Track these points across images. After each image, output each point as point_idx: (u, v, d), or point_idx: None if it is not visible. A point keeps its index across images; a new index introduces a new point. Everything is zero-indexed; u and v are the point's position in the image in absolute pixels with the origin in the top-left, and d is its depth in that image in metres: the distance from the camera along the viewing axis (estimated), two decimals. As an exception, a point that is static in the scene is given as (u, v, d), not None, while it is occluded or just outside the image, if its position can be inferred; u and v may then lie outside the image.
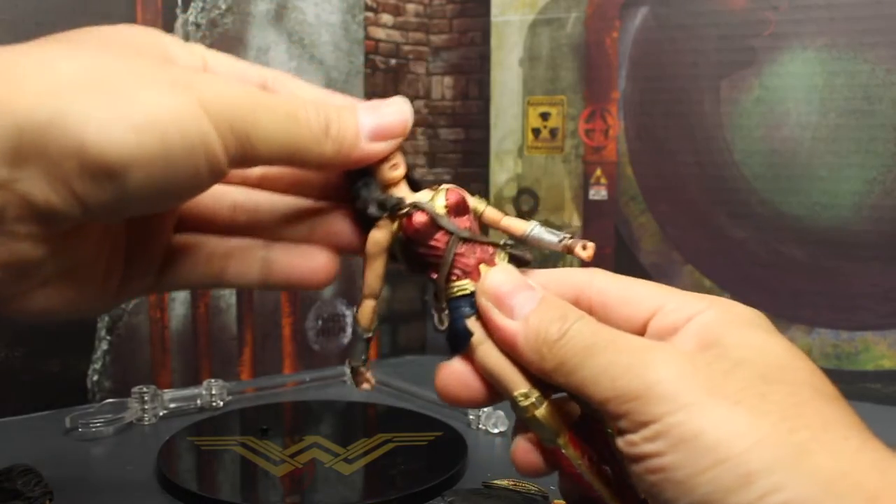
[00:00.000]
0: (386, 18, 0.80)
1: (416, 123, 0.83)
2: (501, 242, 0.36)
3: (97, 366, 0.67)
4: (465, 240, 0.35)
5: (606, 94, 0.75)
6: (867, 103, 0.66)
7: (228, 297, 0.73)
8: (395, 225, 0.35)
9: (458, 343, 0.34)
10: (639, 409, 0.28)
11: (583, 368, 0.30)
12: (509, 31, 0.79)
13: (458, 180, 0.82)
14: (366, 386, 0.37)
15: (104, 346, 0.67)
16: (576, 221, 0.77)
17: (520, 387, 0.33)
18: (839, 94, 0.66)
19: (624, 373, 0.29)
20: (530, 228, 0.36)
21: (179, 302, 0.71)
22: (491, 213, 0.37)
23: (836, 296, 0.68)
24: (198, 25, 0.70)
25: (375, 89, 0.80)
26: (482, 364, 0.34)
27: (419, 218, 0.34)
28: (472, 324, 0.34)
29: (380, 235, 0.35)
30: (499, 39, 0.79)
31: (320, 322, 0.78)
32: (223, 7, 0.71)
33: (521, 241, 0.36)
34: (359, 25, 0.79)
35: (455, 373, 0.35)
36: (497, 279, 0.33)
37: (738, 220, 0.71)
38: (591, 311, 0.33)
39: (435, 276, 0.35)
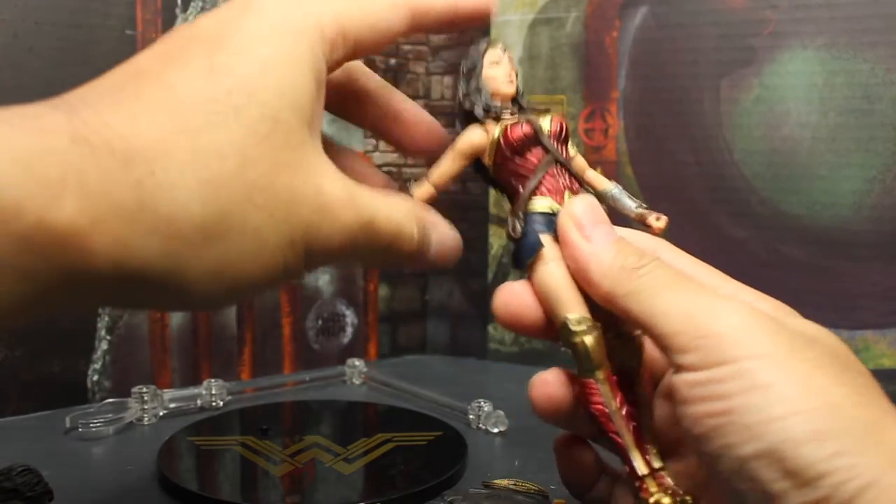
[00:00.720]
0: (385, 18, 0.80)
1: (416, 123, 0.83)
2: (584, 188, 0.37)
3: (97, 366, 0.67)
4: (559, 163, 0.36)
5: (606, 94, 0.75)
6: (867, 102, 0.66)
7: (228, 296, 0.73)
8: (497, 131, 0.36)
9: (526, 253, 0.35)
10: (713, 346, 0.28)
11: (658, 297, 0.30)
12: (509, 31, 0.79)
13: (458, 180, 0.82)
14: None
15: (104, 345, 0.67)
16: (576, 221, 0.77)
17: (575, 310, 0.34)
18: (839, 93, 0.66)
19: (703, 311, 0.29)
20: (612, 187, 0.37)
21: (179, 302, 0.71)
22: (580, 161, 0.38)
23: (835, 295, 0.68)
24: (197, 25, 0.70)
25: (375, 89, 0.80)
26: (543, 281, 0.35)
27: (525, 129, 0.36)
28: (546, 239, 0.35)
29: (476, 136, 0.36)
30: (499, 39, 0.79)
31: (320, 322, 0.78)
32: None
33: (598, 196, 0.37)
34: (358, 25, 0.79)
35: (517, 292, 0.36)
36: (584, 206, 0.34)
37: (738, 219, 0.71)
38: None
39: (521, 187, 0.36)
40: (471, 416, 0.61)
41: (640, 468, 0.34)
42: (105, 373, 0.67)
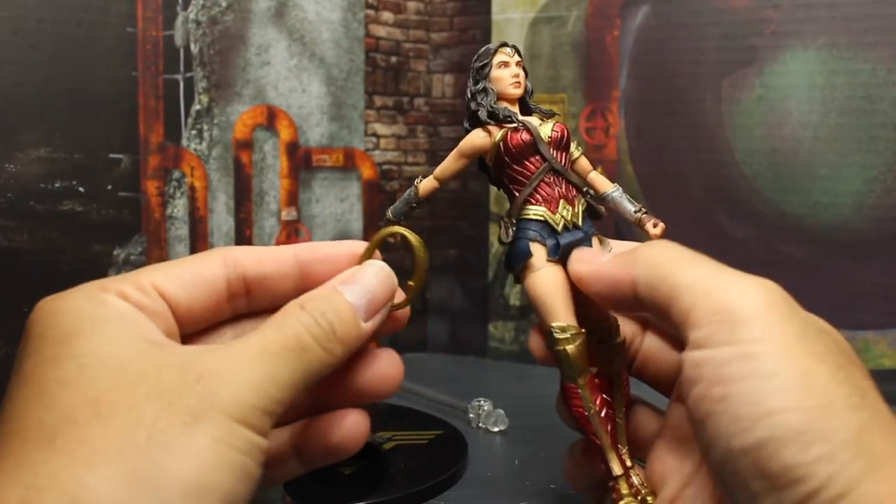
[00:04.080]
0: (387, 16, 0.80)
1: (417, 121, 0.83)
2: (584, 189, 0.38)
3: (97, 363, 0.67)
4: (556, 172, 0.37)
5: (607, 93, 0.75)
6: (868, 102, 0.66)
7: (228, 294, 0.73)
8: (500, 135, 0.37)
9: (516, 260, 0.37)
10: (725, 323, 0.28)
11: (680, 271, 0.31)
12: (510, 29, 0.78)
13: (458, 178, 0.82)
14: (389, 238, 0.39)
15: (104, 343, 0.67)
16: (576, 220, 0.77)
17: (560, 319, 0.35)
18: (840, 93, 0.66)
19: (722, 287, 0.29)
20: (612, 190, 0.38)
21: (179, 299, 0.71)
22: (583, 162, 0.39)
23: (836, 295, 0.68)
24: (198, 23, 0.70)
25: (376, 87, 0.80)
26: (532, 288, 0.36)
27: (524, 136, 0.36)
28: (535, 247, 0.36)
29: (478, 138, 0.37)
30: (500, 37, 0.79)
31: (320, 320, 0.78)
32: (224, 4, 0.71)
33: (599, 198, 0.38)
34: (359, 23, 0.79)
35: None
36: (583, 251, 0.36)
37: (739, 218, 0.71)
38: None
39: (518, 193, 0.37)
40: (471, 415, 0.61)
41: (615, 469, 0.35)
42: (105, 370, 0.67)
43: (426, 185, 0.39)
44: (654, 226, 0.37)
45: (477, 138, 0.37)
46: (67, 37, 0.64)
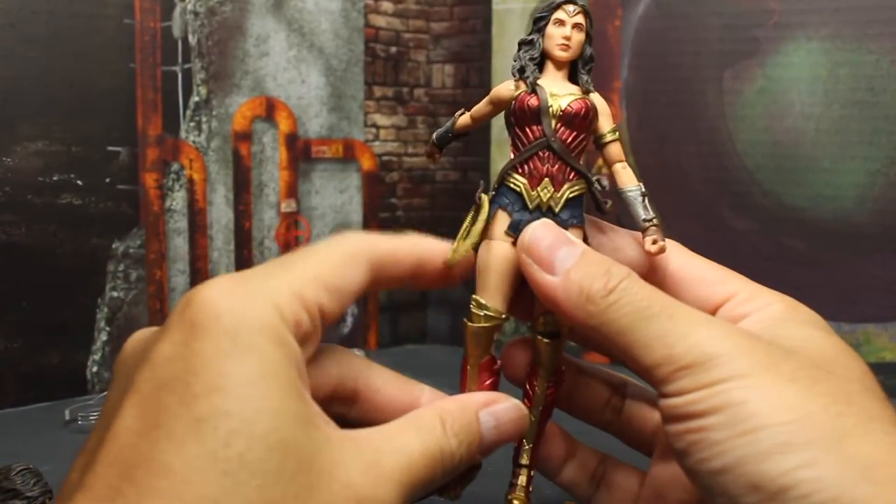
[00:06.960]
0: (386, 6, 0.80)
1: (417, 112, 0.82)
2: (594, 177, 0.35)
3: (97, 357, 0.67)
4: (552, 150, 0.34)
5: (608, 84, 0.75)
6: (871, 94, 0.65)
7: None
8: (515, 93, 0.35)
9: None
10: (691, 376, 0.28)
11: (633, 331, 0.30)
12: (511, 19, 0.78)
13: (459, 169, 0.81)
14: (429, 159, 0.40)
15: (103, 336, 0.67)
16: (577, 211, 0.77)
17: (485, 297, 0.34)
18: (843, 85, 0.66)
19: (679, 341, 0.29)
20: (630, 188, 0.35)
21: (179, 292, 0.71)
22: (613, 149, 0.36)
23: (837, 287, 0.68)
24: (196, 14, 0.70)
25: (375, 78, 0.79)
26: (478, 256, 0.35)
27: (530, 101, 0.34)
28: (499, 215, 0.35)
29: (504, 90, 0.36)
30: (500, 27, 0.79)
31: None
32: (222, -5, 0.71)
33: (616, 193, 0.36)
34: (359, 13, 0.78)
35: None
36: (535, 234, 0.33)
37: (740, 211, 0.71)
38: (662, 284, 0.34)
39: (512, 156, 0.35)
40: (471, 409, 0.61)
41: None
42: (105, 364, 0.67)
43: (462, 120, 0.38)
44: (653, 243, 0.34)
45: (503, 88, 0.36)
46: (64, 29, 0.63)
